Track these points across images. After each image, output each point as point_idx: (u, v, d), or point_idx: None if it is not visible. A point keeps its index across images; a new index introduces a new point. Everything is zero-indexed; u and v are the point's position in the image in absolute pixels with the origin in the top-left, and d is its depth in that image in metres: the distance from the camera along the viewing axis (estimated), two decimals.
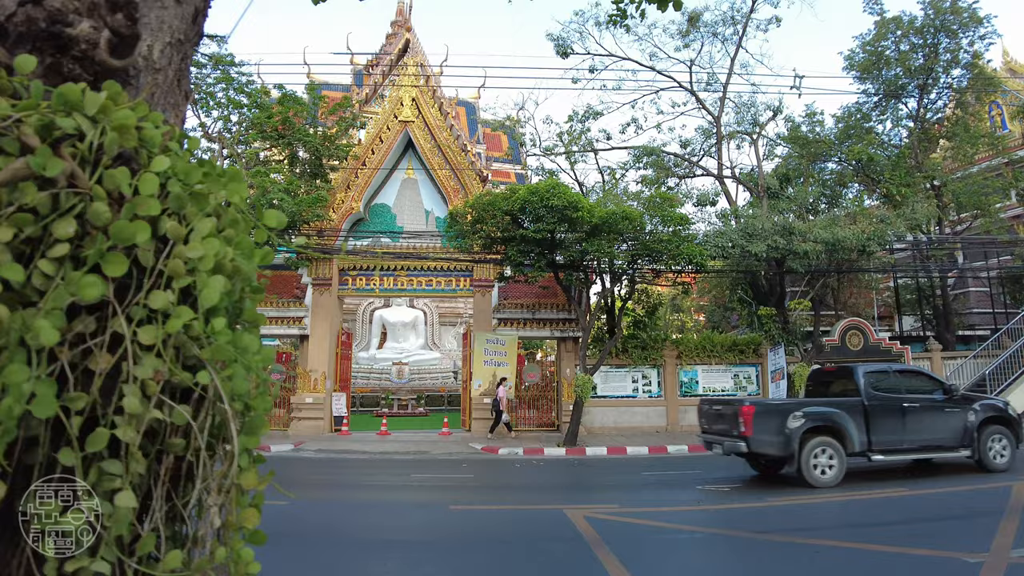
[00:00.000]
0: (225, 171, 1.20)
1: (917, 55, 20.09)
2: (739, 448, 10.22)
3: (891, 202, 18.58)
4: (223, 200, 1.14)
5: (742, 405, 10.23)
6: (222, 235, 1.08)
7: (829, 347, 19.86)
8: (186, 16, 1.37)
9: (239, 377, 1.03)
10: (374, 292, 20.90)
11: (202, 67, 17.47)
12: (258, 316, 1.26)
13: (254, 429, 1.10)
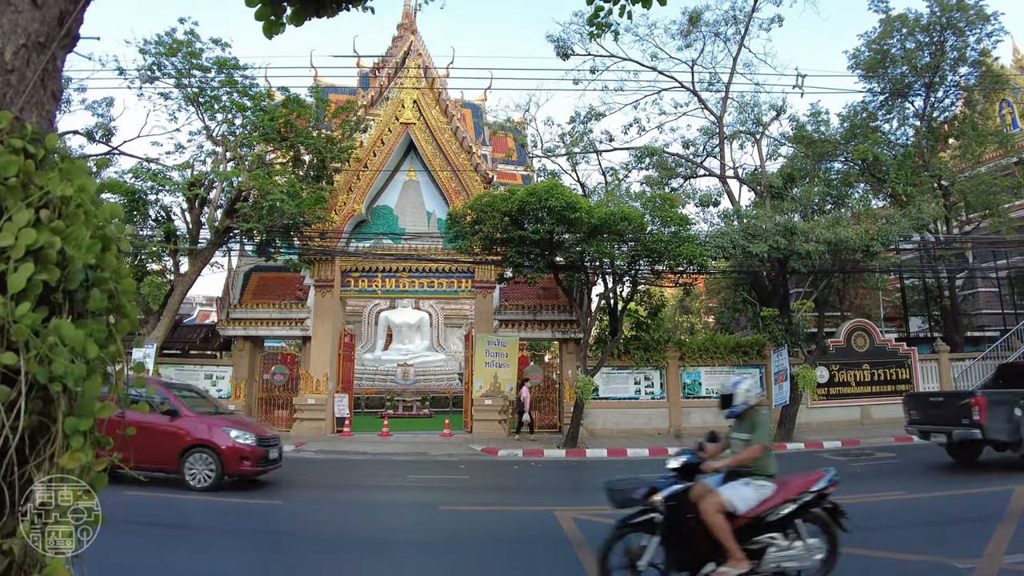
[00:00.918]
0: (73, 166, 1.18)
1: (923, 53, 19.86)
2: (972, 435, 11.00)
3: (897, 202, 18.37)
4: (64, 193, 1.12)
5: (973, 396, 11.16)
6: (50, 226, 1.06)
7: (834, 348, 19.68)
8: (47, 19, 1.35)
9: (59, 359, 1.02)
10: (376, 294, 20.93)
11: (207, 71, 17.60)
12: (109, 304, 1.23)
13: (84, 411, 1.08)
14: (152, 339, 17.30)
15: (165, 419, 9.93)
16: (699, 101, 19.94)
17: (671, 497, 4.78)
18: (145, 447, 9.75)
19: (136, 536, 7.03)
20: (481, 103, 34.60)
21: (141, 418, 9.95)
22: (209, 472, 9.73)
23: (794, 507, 4.95)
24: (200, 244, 17.74)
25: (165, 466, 9.81)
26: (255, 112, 17.53)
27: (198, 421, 10.15)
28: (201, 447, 9.83)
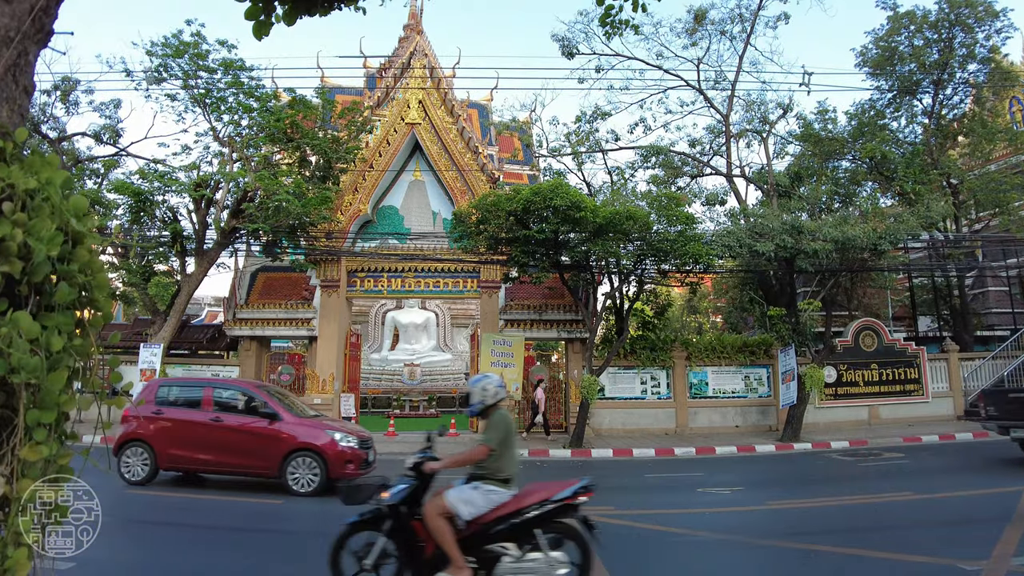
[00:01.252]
0: (40, 159, 1.16)
1: (932, 50, 19.69)
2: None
3: (906, 200, 18.23)
4: (29, 186, 1.10)
5: None
6: (12, 218, 1.04)
7: (842, 348, 19.54)
8: (17, 13, 1.34)
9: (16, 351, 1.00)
10: (382, 294, 20.95)
11: (213, 72, 17.66)
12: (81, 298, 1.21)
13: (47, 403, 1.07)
14: (159, 339, 17.37)
15: (264, 422, 9.90)
16: (705, 100, 19.85)
17: (401, 496, 4.64)
18: (246, 451, 9.84)
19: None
20: (487, 103, 34.61)
21: (242, 422, 10.08)
22: (313, 477, 9.58)
23: (529, 516, 4.59)
24: (207, 245, 17.81)
25: (267, 471, 9.76)
26: (261, 113, 17.59)
27: (299, 424, 10.05)
28: (304, 451, 9.69)
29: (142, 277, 18.04)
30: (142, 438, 10.14)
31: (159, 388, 10.86)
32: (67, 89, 20.65)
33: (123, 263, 18.28)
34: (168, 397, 10.68)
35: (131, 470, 10.03)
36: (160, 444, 10.07)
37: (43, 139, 21.13)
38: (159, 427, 10.20)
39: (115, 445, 10.04)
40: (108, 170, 20.69)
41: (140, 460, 10.07)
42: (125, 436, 10.16)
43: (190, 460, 10.13)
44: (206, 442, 9.99)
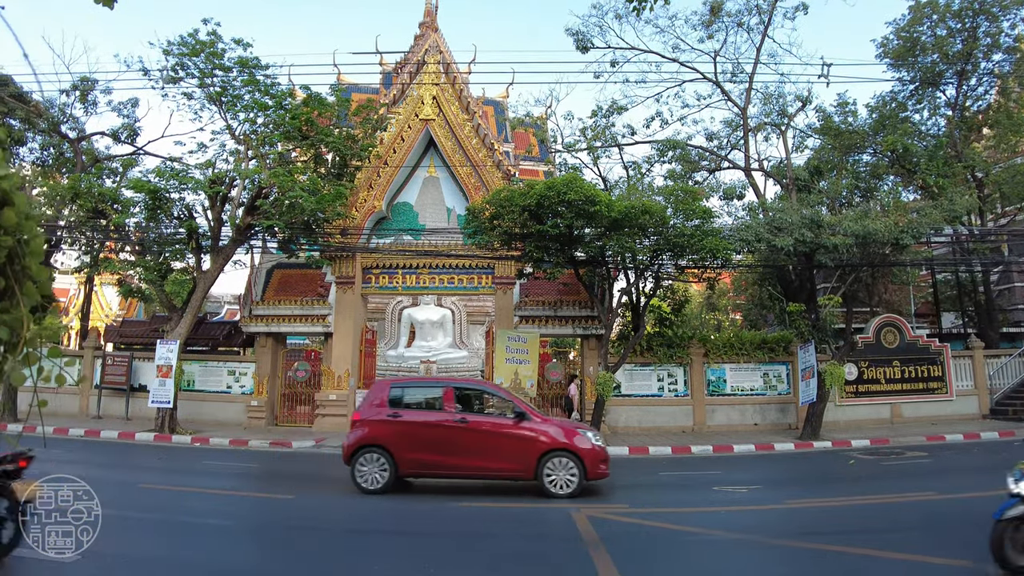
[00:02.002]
0: None
1: (955, 40, 19.22)
2: None
3: (929, 194, 17.85)
4: None
5: None
6: None
7: (863, 344, 19.20)
8: None
9: None
10: (397, 290, 20.95)
11: (228, 71, 17.71)
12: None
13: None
14: (175, 335, 17.48)
15: (513, 422, 9.55)
16: (722, 92, 19.55)
17: None
18: (498, 453, 9.42)
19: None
20: (503, 100, 34.49)
21: (491, 422, 9.68)
22: (571, 478, 9.19)
23: None
24: (222, 241, 17.88)
25: (521, 473, 9.40)
26: (276, 111, 17.60)
27: (550, 424, 9.77)
28: (561, 451, 9.29)
29: (159, 274, 18.16)
30: (379, 443, 9.55)
31: (391, 389, 10.23)
32: (85, 89, 20.84)
33: (140, 260, 18.42)
34: (402, 399, 10.12)
35: (367, 477, 9.46)
36: (400, 449, 9.50)
37: (63, 139, 21.39)
38: (398, 431, 9.60)
39: (347, 452, 9.57)
40: (126, 169, 20.85)
41: (378, 467, 9.48)
42: (360, 441, 9.60)
43: (434, 464, 9.58)
44: (452, 445, 9.49)
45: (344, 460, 9.62)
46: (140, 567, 6.13)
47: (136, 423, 18.48)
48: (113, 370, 20.11)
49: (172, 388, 17.00)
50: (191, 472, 12.17)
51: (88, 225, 18.87)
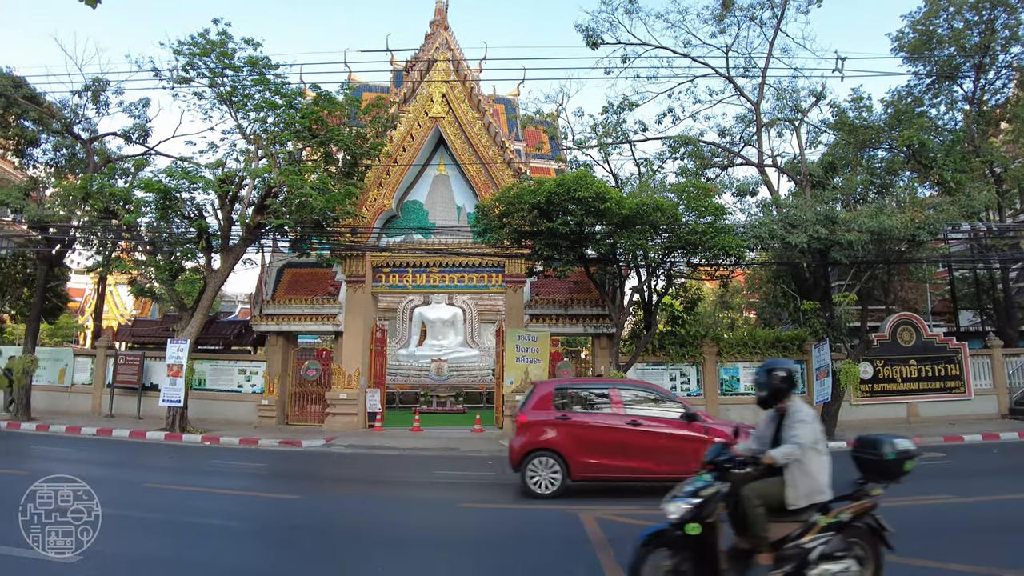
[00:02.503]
0: None
1: (972, 32, 18.85)
2: None
3: (946, 190, 17.52)
4: None
5: None
6: None
7: (878, 343, 18.92)
8: None
9: None
10: (407, 289, 20.88)
11: (239, 71, 17.72)
12: None
13: None
14: (186, 335, 17.52)
15: (683, 423, 9.47)
16: (735, 88, 19.30)
17: None
18: (671, 455, 9.30)
19: None
20: (514, 98, 34.36)
21: (664, 423, 9.51)
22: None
23: None
24: (232, 241, 17.89)
25: (693, 473, 9.37)
26: (287, 110, 17.59)
27: (720, 424, 9.74)
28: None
29: (170, 274, 18.20)
30: (550, 447, 9.34)
31: (554, 391, 9.98)
32: (98, 90, 20.92)
33: (151, 260, 18.47)
34: (567, 401, 9.86)
35: (539, 482, 9.27)
36: (572, 452, 9.29)
37: (75, 140, 21.49)
38: (569, 434, 9.40)
39: (517, 455, 9.38)
40: (138, 169, 20.92)
41: (549, 471, 9.30)
42: (530, 445, 9.38)
43: (606, 468, 9.38)
44: (624, 447, 9.32)
45: (513, 465, 9.40)
46: (139, 567, 6.08)
47: (148, 422, 18.55)
48: (125, 369, 20.21)
49: (183, 387, 17.05)
50: (199, 471, 12.16)
51: (100, 225, 18.94)
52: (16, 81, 20.49)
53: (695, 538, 4.43)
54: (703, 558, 4.48)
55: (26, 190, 20.31)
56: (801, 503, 4.55)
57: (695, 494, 4.52)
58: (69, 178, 21.95)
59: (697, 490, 4.54)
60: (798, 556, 4.41)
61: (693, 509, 4.46)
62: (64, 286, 30.16)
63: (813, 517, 4.53)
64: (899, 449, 4.69)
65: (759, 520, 4.50)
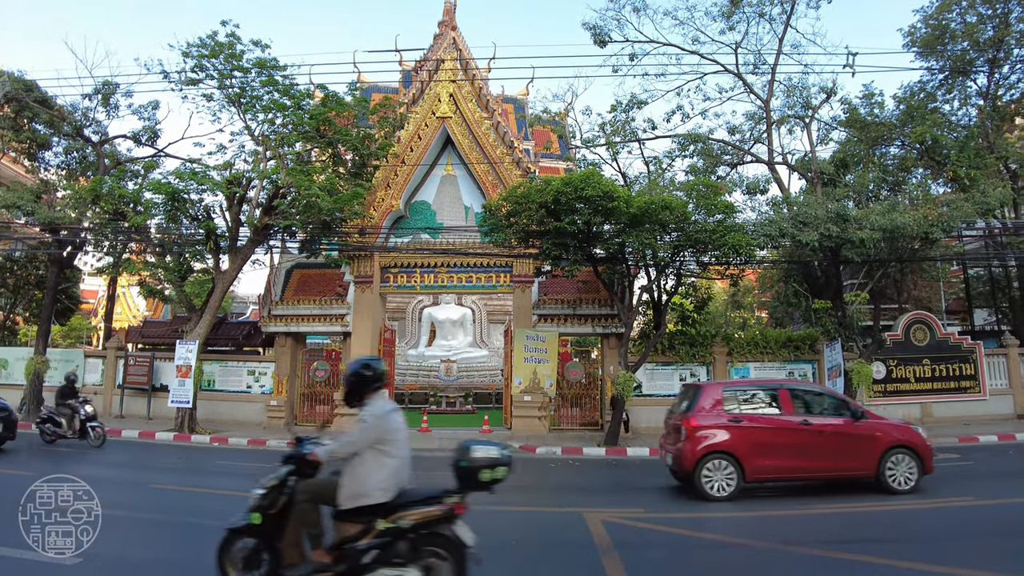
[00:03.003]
0: None
1: (986, 27, 18.54)
2: None
3: (960, 186, 17.26)
4: None
5: None
6: None
7: (891, 342, 18.67)
8: None
9: None
10: (415, 289, 20.85)
11: (247, 72, 17.73)
12: None
13: None
14: (195, 336, 17.56)
15: (851, 421, 9.55)
16: (744, 85, 19.10)
17: None
18: (842, 453, 9.43)
19: None
20: (523, 97, 34.31)
21: (834, 423, 9.57)
22: (910, 474, 9.25)
23: None
24: (240, 242, 17.92)
25: (864, 472, 9.39)
26: (295, 111, 17.59)
27: (887, 422, 9.92)
28: (899, 448, 9.33)
29: (179, 275, 18.26)
30: (724, 449, 9.27)
31: (723, 393, 9.93)
32: (108, 93, 21.03)
33: (160, 261, 18.54)
34: (736, 403, 9.82)
35: (714, 485, 9.15)
36: (746, 455, 9.25)
37: (86, 142, 21.62)
38: (742, 436, 9.38)
39: (692, 459, 9.25)
40: (148, 171, 21.01)
41: (724, 474, 9.20)
42: (705, 449, 9.27)
43: (781, 469, 9.39)
44: (796, 448, 9.34)
45: (687, 468, 9.31)
46: (137, 570, 6.05)
47: (157, 423, 18.61)
48: (135, 370, 20.29)
49: (191, 388, 17.09)
50: (205, 472, 12.16)
51: (110, 227, 19.04)
52: (28, 85, 20.64)
53: (260, 527, 4.53)
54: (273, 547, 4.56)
55: (38, 193, 20.45)
56: (346, 504, 4.43)
57: (265, 485, 4.62)
58: (80, 180, 22.09)
59: (268, 482, 4.63)
60: (351, 558, 4.34)
61: (259, 499, 4.56)
62: (75, 288, 30.40)
63: (375, 521, 4.40)
64: (473, 457, 4.53)
65: (307, 515, 4.51)
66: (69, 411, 14.52)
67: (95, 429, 14.32)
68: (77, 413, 14.41)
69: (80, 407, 14.50)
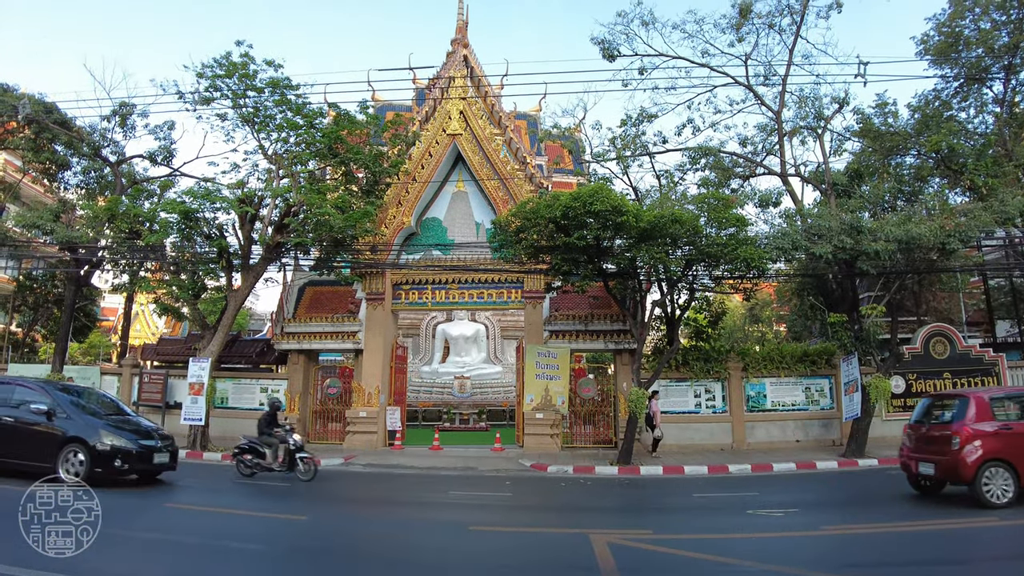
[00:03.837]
0: None
1: (1000, 33, 18.24)
2: None
3: (978, 195, 16.93)
4: None
5: None
6: None
7: (910, 356, 18.29)
8: None
9: None
10: (427, 306, 20.82)
11: (261, 91, 17.91)
12: None
13: None
14: (207, 353, 17.63)
15: None
16: (755, 97, 18.91)
17: None
18: None
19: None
20: (536, 113, 34.42)
21: None
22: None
23: None
24: (252, 260, 18.02)
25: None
26: (307, 130, 17.73)
27: None
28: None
29: (192, 293, 18.39)
30: (1001, 457, 9.37)
31: (990, 401, 10.00)
32: (125, 114, 21.35)
33: (174, 279, 18.70)
34: (1007, 410, 9.93)
35: (993, 493, 9.26)
36: (1020, 460, 9.36)
37: (104, 163, 21.94)
38: (1014, 442, 9.48)
39: (971, 468, 9.32)
40: (164, 190, 21.26)
41: (1002, 481, 9.28)
42: (983, 456, 9.36)
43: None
44: None
45: (964, 477, 9.38)
46: None
47: None
48: (149, 387, 20.42)
49: (204, 405, 17.14)
50: (214, 490, 12.10)
51: (125, 246, 19.25)
52: (48, 107, 21.04)
53: None
54: None
55: (57, 212, 20.77)
56: None
57: None
58: (99, 200, 22.42)
59: None
60: None
61: None
62: (93, 305, 30.75)
63: None
64: None
65: None
66: (276, 440, 13.04)
67: (305, 460, 12.80)
68: (285, 443, 12.93)
69: (288, 436, 13.04)
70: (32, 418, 10.48)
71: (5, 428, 10.61)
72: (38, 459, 10.12)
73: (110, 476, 10.37)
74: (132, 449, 10.63)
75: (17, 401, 10.83)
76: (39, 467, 9.69)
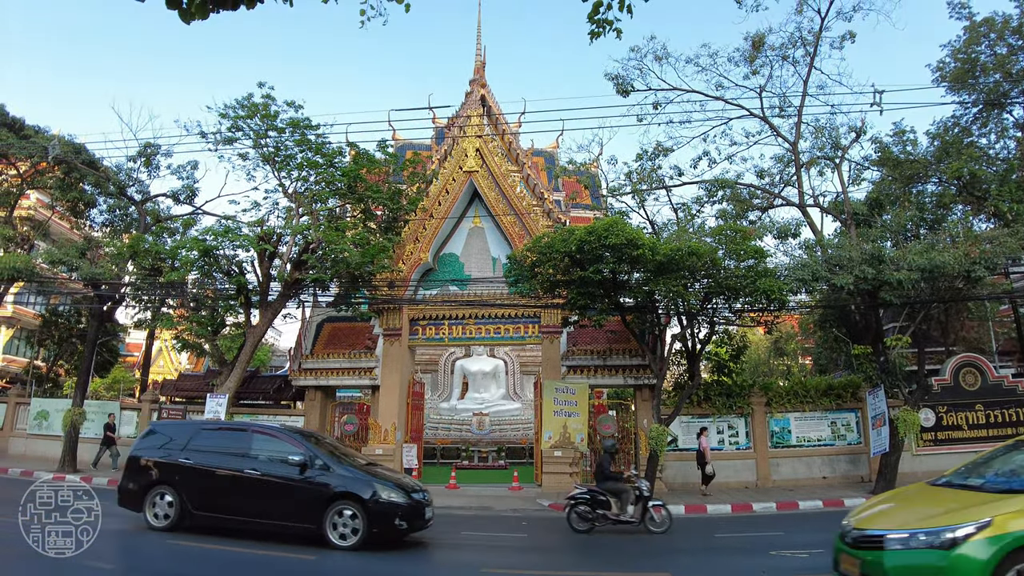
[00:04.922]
0: None
1: (1018, 58, 18.04)
2: None
3: (1003, 221, 16.58)
4: None
5: None
6: None
7: (939, 387, 17.76)
8: None
9: None
10: (444, 342, 20.75)
11: (282, 132, 18.29)
12: None
13: None
14: (225, 389, 17.68)
15: None
16: (771, 128, 18.86)
17: None
18: None
19: None
20: (553, 150, 34.72)
21: None
22: None
23: None
24: (270, 296, 18.16)
25: None
26: (327, 169, 18.02)
27: None
28: None
29: (212, 329, 18.53)
30: None
31: None
32: (150, 154, 21.89)
33: (194, 315, 18.89)
34: None
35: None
36: None
37: (129, 201, 22.44)
38: None
39: None
40: (186, 228, 21.65)
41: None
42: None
43: None
44: None
45: None
46: None
47: None
48: None
49: None
50: (224, 529, 11.96)
51: (147, 282, 19.56)
52: (77, 148, 21.69)
53: None
54: None
55: (83, 249, 21.23)
56: None
57: None
58: (124, 237, 22.89)
59: None
60: None
61: None
62: (116, 341, 31.16)
63: None
64: None
65: None
66: (626, 488, 11.58)
67: (657, 509, 11.40)
68: (638, 490, 11.45)
69: (639, 481, 11.72)
70: (285, 471, 9.23)
71: (255, 483, 9.32)
72: (298, 519, 9.05)
73: (388, 538, 9.09)
74: (406, 503, 9.14)
75: (260, 450, 9.62)
76: (300, 528, 8.88)
